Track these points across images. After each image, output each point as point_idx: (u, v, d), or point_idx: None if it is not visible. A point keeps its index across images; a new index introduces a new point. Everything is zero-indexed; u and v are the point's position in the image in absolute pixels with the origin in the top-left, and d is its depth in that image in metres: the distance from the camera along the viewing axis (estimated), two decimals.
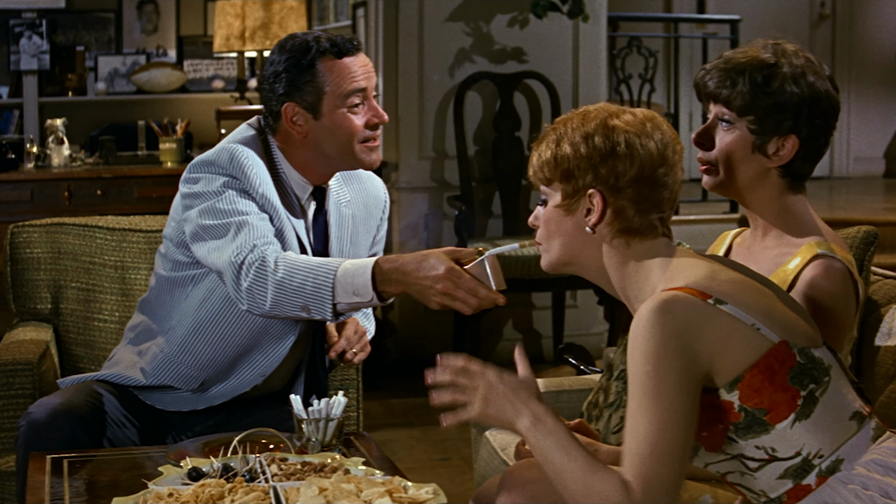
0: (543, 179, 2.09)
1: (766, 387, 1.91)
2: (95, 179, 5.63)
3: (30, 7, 7.64)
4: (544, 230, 2.14)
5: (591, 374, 3.50)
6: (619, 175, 2.01)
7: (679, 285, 1.94)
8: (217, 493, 2.17)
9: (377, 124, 2.83)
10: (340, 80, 2.76)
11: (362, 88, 2.79)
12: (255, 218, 2.69)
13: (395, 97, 5.85)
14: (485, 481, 2.38)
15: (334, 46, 2.76)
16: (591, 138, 2.02)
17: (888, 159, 9.62)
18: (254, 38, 6.04)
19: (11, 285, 3.39)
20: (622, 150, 2.01)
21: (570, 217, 2.07)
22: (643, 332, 1.90)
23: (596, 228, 2.04)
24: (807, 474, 1.92)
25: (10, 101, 7.65)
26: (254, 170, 2.74)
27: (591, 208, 2.03)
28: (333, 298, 2.57)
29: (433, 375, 2.08)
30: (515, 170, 5.88)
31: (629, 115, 2.05)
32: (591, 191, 2.02)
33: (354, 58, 2.78)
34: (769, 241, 2.32)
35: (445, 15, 5.83)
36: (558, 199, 2.07)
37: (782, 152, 2.25)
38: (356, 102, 2.78)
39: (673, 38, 7.82)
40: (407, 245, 5.91)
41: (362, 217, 2.98)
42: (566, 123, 2.07)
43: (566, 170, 2.04)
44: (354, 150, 2.80)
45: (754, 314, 1.93)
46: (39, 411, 2.72)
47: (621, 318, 5.50)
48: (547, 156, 2.07)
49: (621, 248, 2.04)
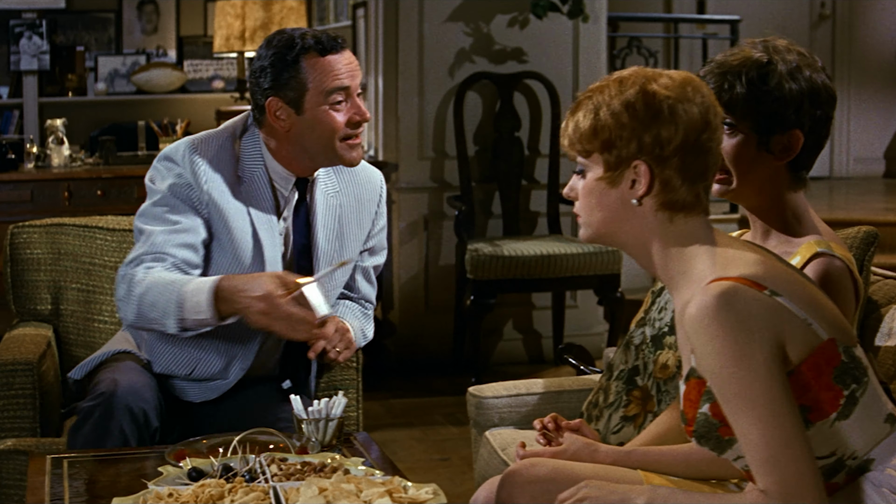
0: (581, 150, 1.99)
1: (812, 384, 1.86)
2: (95, 180, 5.63)
3: (30, 7, 7.64)
4: (584, 202, 2.02)
5: (591, 374, 3.50)
6: (664, 144, 1.93)
7: (733, 275, 1.87)
8: (217, 493, 2.17)
9: (359, 122, 2.85)
10: (323, 77, 2.79)
11: (345, 87, 2.81)
12: (166, 231, 2.79)
13: (395, 97, 5.85)
14: (485, 481, 2.37)
15: (318, 44, 2.79)
16: (633, 106, 1.94)
17: (888, 159, 9.62)
18: (254, 38, 6.04)
19: (11, 286, 3.39)
20: (666, 117, 1.93)
21: (613, 189, 1.97)
22: (711, 329, 1.83)
23: (643, 201, 1.95)
24: (837, 473, 1.90)
25: (10, 102, 7.66)
26: (202, 167, 2.82)
27: (636, 180, 1.95)
28: (181, 314, 2.69)
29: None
30: (515, 170, 5.88)
31: (666, 78, 1.97)
32: (636, 162, 1.94)
33: (339, 55, 2.81)
34: (770, 242, 2.32)
35: (445, 15, 5.83)
36: (600, 171, 1.98)
37: (789, 148, 2.25)
38: (338, 100, 2.81)
39: (673, 38, 7.82)
40: (407, 245, 5.91)
41: (353, 209, 2.99)
42: (602, 91, 1.98)
43: (607, 140, 1.95)
44: (335, 146, 2.84)
45: (805, 309, 1.88)
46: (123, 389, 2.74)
47: (621, 318, 5.49)
48: (585, 126, 1.97)
49: (665, 223, 1.96)
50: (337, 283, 3.01)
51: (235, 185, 2.85)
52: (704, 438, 1.92)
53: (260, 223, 2.85)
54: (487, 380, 3.58)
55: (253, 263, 2.85)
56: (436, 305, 5.92)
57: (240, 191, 2.85)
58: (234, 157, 2.87)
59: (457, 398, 4.63)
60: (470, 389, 3.13)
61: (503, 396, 3.07)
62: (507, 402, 3.06)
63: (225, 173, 2.84)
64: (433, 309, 5.92)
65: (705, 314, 1.83)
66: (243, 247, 2.84)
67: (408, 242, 5.91)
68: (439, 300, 5.90)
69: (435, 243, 5.92)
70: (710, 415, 1.90)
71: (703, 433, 1.91)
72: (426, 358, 5.89)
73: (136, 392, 2.76)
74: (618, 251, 5.54)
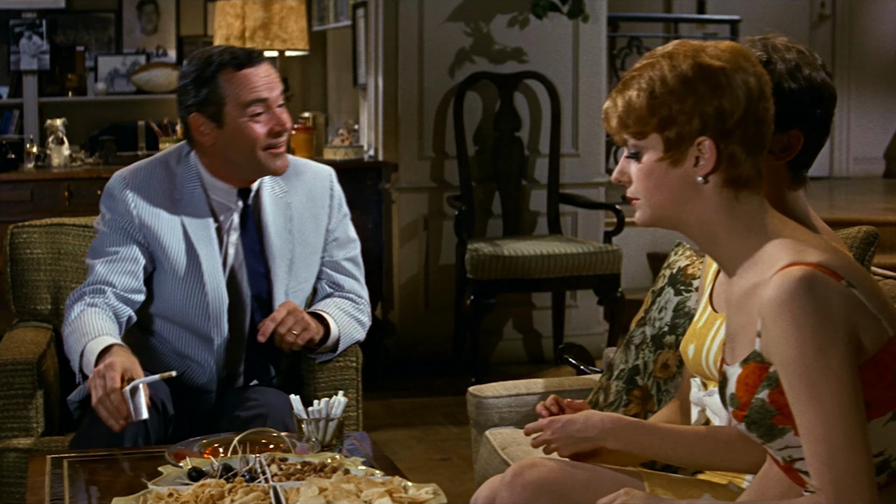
0: (636, 132, 1.92)
1: (874, 381, 1.82)
2: (95, 179, 5.62)
3: (30, 7, 7.64)
4: (642, 185, 1.94)
5: (591, 373, 3.50)
6: (726, 116, 1.86)
7: (811, 261, 1.81)
8: (217, 493, 2.17)
9: (280, 132, 2.96)
10: (240, 90, 2.92)
11: (262, 98, 2.93)
12: (105, 262, 2.98)
13: (395, 97, 5.85)
14: (485, 481, 2.37)
15: (234, 59, 2.93)
16: (691, 80, 1.87)
17: (888, 159, 9.63)
18: (254, 38, 6.04)
19: (11, 286, 3.39)
20: (726, 89, 1.86)
21: (676, 169, 1.90)
22: (790, 315, 1.76)
23: (708, 178, 1.89)
24: (880, 474, 1.86)
25: (10, 101, 7.65)
26: (131, 197, 3.00)
27: (699, 157, 1.88)
28: (80, 364, 2.83)
29: None
30: (515, 170, 5.88)
31: (714, 48, 1.91)
32: (700, 138, 1.87)
33: (255, 69, 2.94)
34: None
35: (445, 15, 5.83)
36: (660, 152, 1.90)
37: (789, 148, 2.24)
38: (257, 112, 2.94)
39: (673, 38, 7.81)
40: (407, 245, 5.91)
41: (306, 206, 3.10)
42: (652, 68, 1.90)
43: (666, 118, 1.88)
44: (258, 156, 2.96)
45: (874, 304, 1.83)
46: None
47: (621, 318, 5.50)
48: (640, 105, 1.89)
49: (730, 201, 1.90)
50: (303, 288, 3.11)
51: (170, 207, 3.00)
52: (756, 425, 1.87)
53: (197, 239, 2.99)
54: (487, 380, 3.58)
55: (190, 278, 3.00)
56: (436, 305, 5.92)
57: (175, 211, 3.00)
58: (167, 181, 3.02)
59: (457, 398, 4.63)
60: (470, 389, 3.13)
61: (503, 396, 3.07)
62: (507, 402, 3.06)
63: (156, 198, 3.01)
64: (433, 309, 5.92)
65: (786, 299, 1.77)
66: (179, 264, 2.99)
67: (408, 242, 5.91)
68: (439, 300, 5.90)
69: (435, 243, 5.92)
70: (768, 401, 1.85)
71: (755, 419, 1.87)
72: (426, 358, 5.89)
73: (152, 383, 2.81)
74: (618, 250, 5.54)
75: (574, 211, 6.03)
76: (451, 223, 5.76)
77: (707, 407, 2.31)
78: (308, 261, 3.11)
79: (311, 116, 6.29)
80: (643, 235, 6.59)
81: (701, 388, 2.34)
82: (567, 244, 5.55)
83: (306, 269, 3.11)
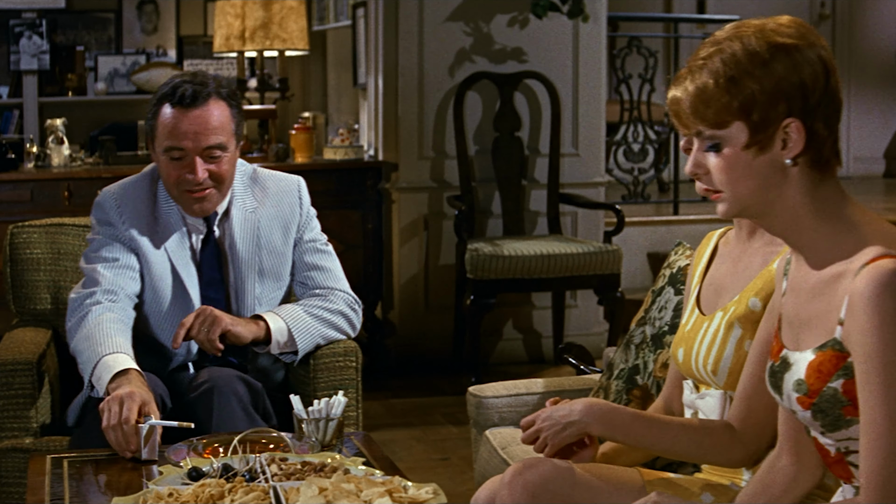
0: (715, 122, 1.85)
1: None
2: (95, 179, 5.62)
3: (30, 7, 7.64)
4: (726, 176, 1.87)
5: (591, 373, 3.50)
6: (808, 94, 1.81)
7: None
8: (217, 493, 2.17)
9: (190, 182, 2.95)
10: (163, 129, 2.95)
11: (180, 147, 2.92)
12: (110, 267, 3.00)
13: (395, 97, 5.85)
14: (485, 481, 2.37)
15: (174, 95, 2.92)
16: (769, 63, 1.81)
17: (888, 159, 9.63)
18: (254, 38, 6.04)
19: (11, 286, 3.39)
20: (804, 67, 1.81)
21: (763, 155, 1.84)
22: (884, 308, 1.73)
23: (797, 160, 1.83)
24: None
25: (10, 101, 7.65)
26: (120, 213, 3.03)
27: (786, 139, 1.83)
28: (91, 376, 2.83)
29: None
30: (515, 170, 5.88)
31: (778, 25, 1.85)
32: (787, 120, 1.82)
33: (188, 112, 2.92)
34: (755, 242, 2.30)
35: (445, 15, 5.83)
36: (744, 139, 1.84)
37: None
38: (174, 156, 2.94)
39: (673, 38, 7.82)
40: (407, 245, 5.91)
41: (275, 217, 3.12)
42: (722, 51, 1.84)
43: (749, 102, 1.82)
44: (176, 195, 3.00)
45: None
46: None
47: (621, 318, 5.49)
48: (718, 92, 1.83)
49: (815, 185, 1.85)
50: (275, 297, 3.15)
51: (153, 226, 3.04)
52: (822, 413, 1.84)
53: (177, 259, 3.03)
54: (487, 380, 3.58)
55: (176, 300, 3.04)
56: (436, 305, 5.92)
57: (156, 231, 3.04)
58: (150, 199, 3.05)
59: (457, 398, 4.63)
60: (470, 389, 3.13)
61: (503, 396, 3.07)
62: (507, 402, 3.06)
63: (142, 216, 3.04)
64: (433, 309, 5.92)
65: (879, 292, 1.73)
66: (164, 285, 3.03)
67: (408, 242, 5.91)
68: (439, 300, 5.90)
69: (435, 243, 5.92)
70: (841, 391, 1.81)
71: (824, 408, 1.84)
72: (426, 358, 5.89)
73: (151, 378, 2.86)
74: (618, 250, 5.54)
75: (574, 211, 6.03)
76: (451, 223, 5.76)
77: (699, 410, 2.31)
78: (279, 271, 3.13)
79: (311, 116, 6.29)
80: (643, 235, 6.59)
81: (693, 390, 2.33)
82: (567, 244, 5.55)
83: (277, 280, 3.14)
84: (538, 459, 2.21)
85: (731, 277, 2.31)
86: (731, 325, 2.24)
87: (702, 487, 2.24)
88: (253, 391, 2.89)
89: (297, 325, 3.04)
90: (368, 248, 5.80)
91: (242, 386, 2.85)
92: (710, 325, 2.27)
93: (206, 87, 2.94)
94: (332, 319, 3.11)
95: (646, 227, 6.67)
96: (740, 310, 2.23)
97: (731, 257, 2.33)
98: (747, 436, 2.17)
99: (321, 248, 3.19)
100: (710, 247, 2.41)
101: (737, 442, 2.17)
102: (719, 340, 2.24)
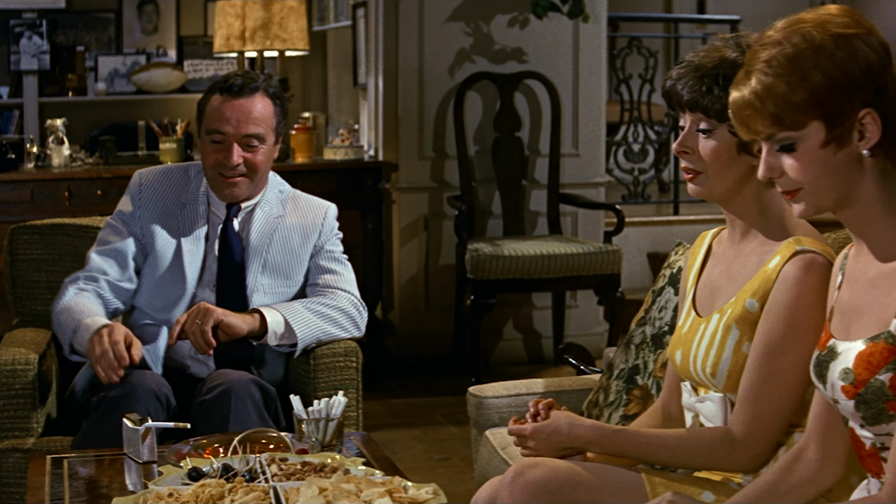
0: (790, 123, 1.82)
1: None
2: (95, 179, 5.62)
3: (30, 7, 7.64)
4: (806, 175, 1.84)
5: (592, 373, 3.50)
6: (879, 85, 1.79)
7: None
8: (217, 493, 2.17)
9: (225, 165, 3.09)
10: (210, 114, 3.11)
11: (221, 131, 3.09)
12: (101, 252, 3.14)
13: (395, 97, 5.85)
14: (485, 481, 2.37)
15: (224, 84, 3.11)
16: (836, 56, 1.79)
17: None
18: (254, 38, 6.03)
19: (11, 286, 3.39)
20: (871, 55, 1.80)
21: (841, 150, 1.81)
22: None
23: (874, 151, 1.80)
24: None
25: (10, 101, 7.65)
26: (140, 195, 3.19)
27: (862, 131, 1.80)
28: (71, 338, 2.98)
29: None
30: (515, 170, 5.88)
31: (832, 16, 1.83)
32: (863, 112, 1.79)
33: (233, 101, 3.08)
34: (748, 242, 2.29)
35: (445, 15, 5.83)
36: (822, 137, 1.81)
37: None
38: (216, 139, 3.10)
39: (673, 38, 7.82)
40: (407, 245, 5.91)
41: (296, 223, 3.22)
42: (784, 49, 1.81)
43: (824, 98, 1.79)
44: (211, 176, 3.14)
45: None
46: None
47: (621, 318, 5.50)
48: (790, 91, 1.80)
49: (888, 176, 1.83)
50: (283, 292, 3.18)
51: (175, 211, 3.18)
52: (866, 405, 1.82)
53: (187, 246, 3.13)
54: (487, 380, 3.58)
55: (173, 284, 3.11)
56: (436, 305, 5.92)
57: (178, 216, 3.18)
58: (180, 186, 3.21)
59: (457, 398, 4.63)
60: (470, 389, 3.13)
61: (503, 396, 3.07)
62: (507, 402, 3.06)
63: (164, 200, 3.19)
64: (433, 309, 5.92)
65: None
66: (163, 268, 3.13)
67: (408, 242, 5.91)
68: (439, 300, 5.90)
69: (435, 243, 5.92)
70: (888, 385, 1.79)
71: (868, 399, 1.82)
72: (426, 358, 5.89)
73: (155, 378, 2.93)
74: (618, 250, 5.54)
75: (574, 211, 6.03)
76: (451, 223, 5.76)
77: (700, 414, 2.30)
78: (288, 269, 3.18)
79: (311, 116, 6.29)
80: (643, 235, 6.59)
81: (692, 393, 2.32)
82: (567, 244, 5.55)
83: (284, 277, 3.17)
84: (538, 460, 2.22)
85: (726, 279, 2.30)
86: (728, 327, 2.23)
87: (702, 485, 2.24)
88: (267, 395, 2.93)
89: (294, 316, 3.06)
90: (368, 248, 5.80)
91: (257, 389, 2.89)
92: (707, 327, 2.27)
93: (256, 81, 3.12)
94: (333, 315, 3.12)
95: (646, 227, 6.67)
96: (737, 311, 2.22)
97: (726, 258, 2.32)
98: (753, 441, 2.16)
99: (338, 257, 3.26)
100: (704, 247, 2.40)
101: (738, 448, 2.16)
102: (717, 343, 2.24)
